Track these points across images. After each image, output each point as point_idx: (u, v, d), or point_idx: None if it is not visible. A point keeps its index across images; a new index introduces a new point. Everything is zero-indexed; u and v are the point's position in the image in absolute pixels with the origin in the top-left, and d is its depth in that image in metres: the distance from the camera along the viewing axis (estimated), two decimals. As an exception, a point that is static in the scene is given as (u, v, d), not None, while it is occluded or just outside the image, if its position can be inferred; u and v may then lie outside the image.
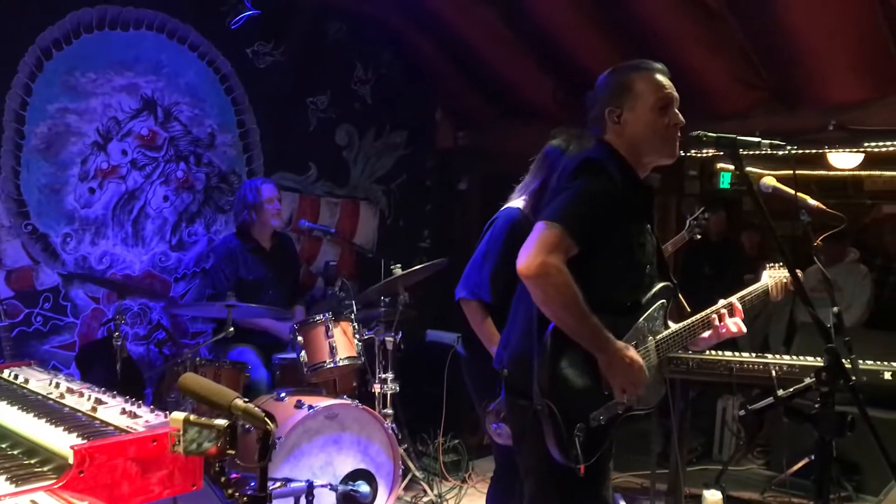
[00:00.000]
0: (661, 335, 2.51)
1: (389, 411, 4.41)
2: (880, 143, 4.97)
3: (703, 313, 2.61)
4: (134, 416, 2.40)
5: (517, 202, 3.31)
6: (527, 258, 2.28)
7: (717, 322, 2.60)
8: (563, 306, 2.27)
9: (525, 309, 2.45)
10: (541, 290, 2.29)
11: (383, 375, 4.46)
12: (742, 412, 2.38)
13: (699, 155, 6.13)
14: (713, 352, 3.98)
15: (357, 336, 4.38)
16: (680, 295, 2.65)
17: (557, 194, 2.40)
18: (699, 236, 4.56)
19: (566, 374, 2.33)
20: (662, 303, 2.55)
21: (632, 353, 2.35)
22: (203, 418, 1.73)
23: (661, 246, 2.67)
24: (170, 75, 5.19)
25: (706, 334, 2.62)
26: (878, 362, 3.76)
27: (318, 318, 4.34)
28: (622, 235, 2.42)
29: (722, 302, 2.66)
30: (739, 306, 2.65)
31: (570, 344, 2.31)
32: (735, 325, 2.61)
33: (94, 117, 4.89)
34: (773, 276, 2.85)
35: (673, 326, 2.57)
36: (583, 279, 2.29)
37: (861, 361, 3.65)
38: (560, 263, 2.25)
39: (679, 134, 2.46)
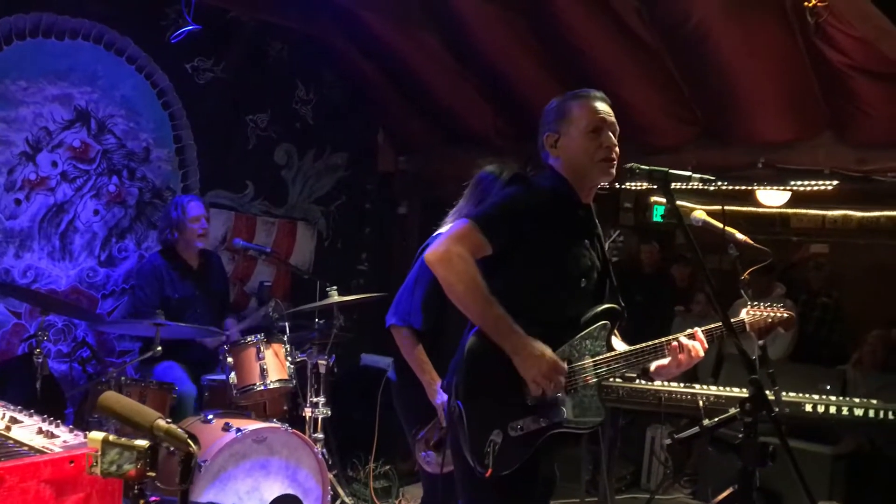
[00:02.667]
0: (601, 356, 2.48)
1: (320, 436, 4.34)
2: (805, 183, 5.15)
3: (656, 341, 2.53)
4: (51, 435, 2.31)
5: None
6: (434, 247, 2.39)
7: (675, 347, 2.48)
8: (465, 292, 2.34)
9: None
10: (443, 276, 2.38)
11: (315, 399, 4.39)
12: (669, 441, 2.39)
13: (634, 188, 6.26)
14: (642, 381, 4.03)
15: (289, 358, 4.32)
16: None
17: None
18: (615, 259, 4.54)
19: (482, 377, 2.36)
20: (605, 323, 2.53)
21: (543, 347, 2.34)
22: (123, 439, 1.68)
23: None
24: (105, 87, 5.08)
25: (665, 361, 2.53)
26: (801, 394, 3.87)
27: (249, 339, 4.26)
28: (547, 246, 2.45)
29: (688, 331, 2.54)
30: (702, 335, 2.52)
31: (492, 349, 2.33)
32: (693, 349, 2.47)
33: (23, 126, 4.75)
34: (752, 315, 2.69)
35: (618, 349, 2.53)
36: (509, 287, 2.36)
37: (784, 393, 3.75)
38: (464, 252, 2.34)
39: (615, 157, 2.50)
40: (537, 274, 2.44)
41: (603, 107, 2.54)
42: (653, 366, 2.58)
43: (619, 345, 2.59)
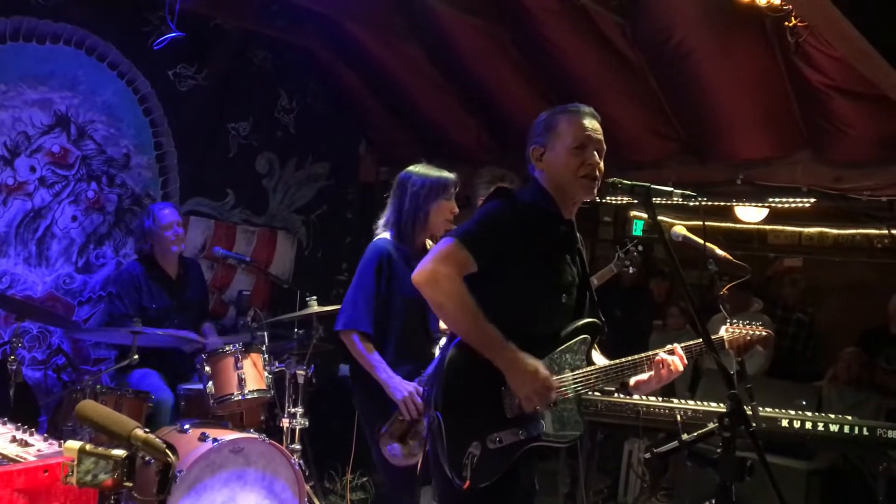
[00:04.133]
0: (580, 370, 2.51)
1: (297, 447, 4.31)
2: (783, 200, 5.20)
3: (637, 356, 2.57)
4: (25, 444, 2.29)
5: (384, 234, 3.49)
6: (420, 267, 2.38)
7: (655, 363, 2.55)
8: (455, 310, 2.35)
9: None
10: (431, 297, 2.37)
11: (293, 410, 4.36)
12: (648, 455, 2.41)
13: (613, 202, 6.29)
14: (621, 395, 4.05)
15: (267, 368, 4.29)
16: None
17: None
18: (631, 270, 4.53)
19: (462, 389, 2.36)
20: (585, 338, 2.55)
21: (536, 362, 2.35)
22: (100, 448, 1.66)
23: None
24: (86, 92, 5.04)
25: (644, 377, 2.59)
26: (777, 410, 3.90)
27: (227, 348, 4.23)
28: (530, 261, 2.46)
29: (668, 347, 2.62)
30: (681, 351, 2.60)
31: (472, 360, 2.33)
32: (673, 364, 2.55)
33: (1, 131, 4.72)
34: (731, 332, 2.76)
35: (597, 363, 2.56)
36: (492, 304, 2.35)
37: (761, 409, 3.78)
38: (450, 271, 2.34)
39: (597, 175, 2.51)
40: (519, 289, 2.45)
41: (591, 123, 2.54)
42: (632, 381, 2.61)
43: (599, 359, 2.61)
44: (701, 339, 2.63)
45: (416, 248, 3.48)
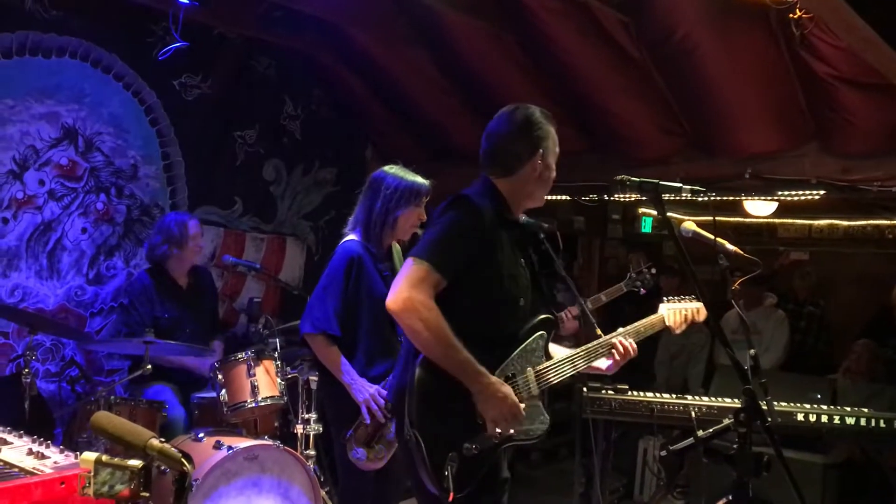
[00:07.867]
0: (540, 366, 2.56)
1: (312, 452, 4.31)
2: (792, 193, 5.19)
3: (586, 346, 2.67)
4: (42, 456, 2.30)
5: (353, 235, 3.50)
6: (394, 294, 2.37)
7: (617, 346, 2.69)
8: (432, 340, 2.34)
9: (406, 341, 2.51)
10: (408, 325, 2.37)
11: (306, 416, 4.36)
12: (663, 452, 2.41)
13: (622, 199, 6.28)
14: (634, 393, 4.05)
15: (280, 375, 4.29)
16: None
17: (428, 230, 2.53)
18: (642, 291, 4.56)
19: (433, 403, 2.38)
20: (542, 334, 2.60)
21: (506, 388, 2.39)
22: (116, 459, 1.66)
23: (594, 296, 2.73)
24: (93, 104, 5.06)
25: (604, 365, 2.70)
26: (792, 404, 3.88)
27: (239, 356, 4.23)
28: (490, 268, 2.49)
29: (620, 330, 2.74)
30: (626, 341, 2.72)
31: (439, 374, 2.36)
32: (630, 346, 2.70)
33: (10, 145, 4.73)
34: (671, 308, 2.88)
35: (554, 356, 2.63)
36: (453, 311, 2.38)
37: (775, 403, 3.76)
38: (426, 298, 2.34)
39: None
40: (480, 297, 2.48)
41: None
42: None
43: (557, 350, 2.68)
44: (642, 322, 2.80)
45: (382, 250, 3.52)
